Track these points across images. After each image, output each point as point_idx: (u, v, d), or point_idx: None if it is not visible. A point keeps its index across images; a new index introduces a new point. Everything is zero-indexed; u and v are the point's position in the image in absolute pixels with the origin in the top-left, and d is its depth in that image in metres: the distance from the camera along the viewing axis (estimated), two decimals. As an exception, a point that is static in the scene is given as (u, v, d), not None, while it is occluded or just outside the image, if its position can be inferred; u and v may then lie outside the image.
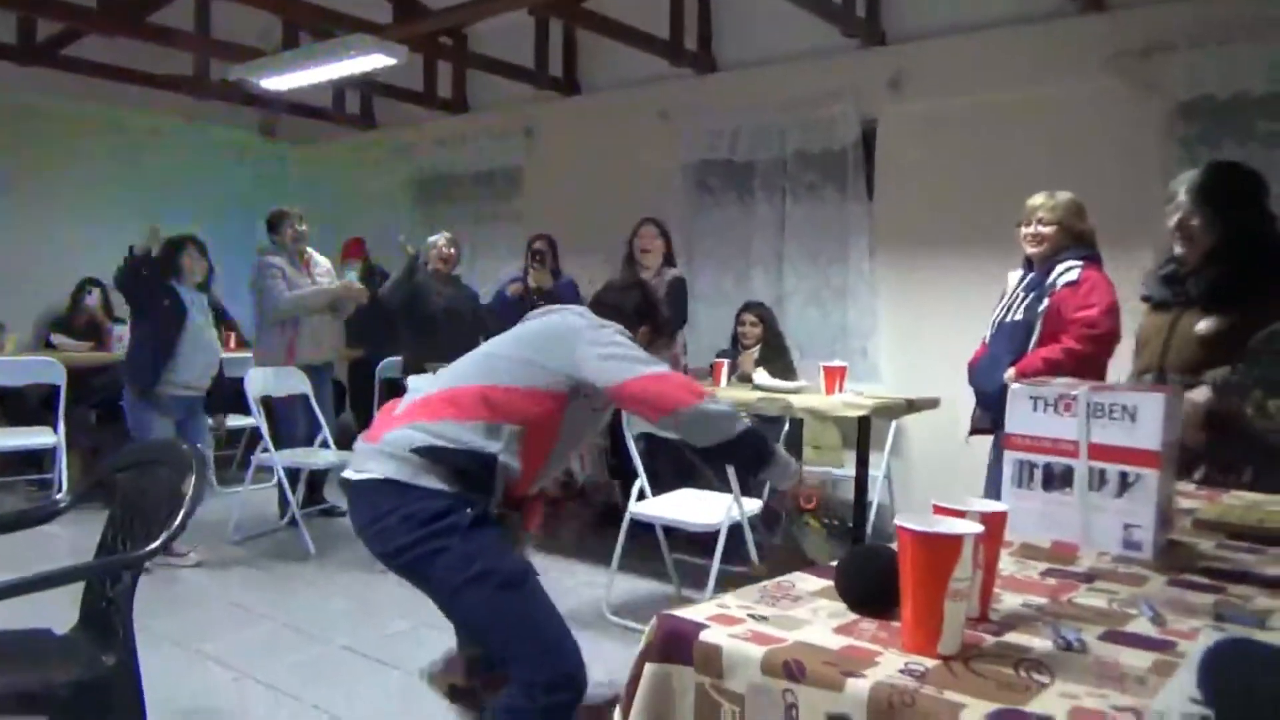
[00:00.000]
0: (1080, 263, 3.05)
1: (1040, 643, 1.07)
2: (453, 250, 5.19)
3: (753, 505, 3.55)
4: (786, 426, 4.57)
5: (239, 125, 7.58)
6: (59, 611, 2.13)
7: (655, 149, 5.71)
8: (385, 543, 1.93)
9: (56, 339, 5.73)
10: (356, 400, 6.38)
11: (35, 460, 5.28)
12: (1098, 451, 1.50)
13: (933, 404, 3.96)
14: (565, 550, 4.57)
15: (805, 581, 1.26)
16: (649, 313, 2.35)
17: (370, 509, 1.96)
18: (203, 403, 4.35)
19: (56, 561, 3.97)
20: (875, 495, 4.54)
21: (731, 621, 1.10)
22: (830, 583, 1.23)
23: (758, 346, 4.78)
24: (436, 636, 3.36)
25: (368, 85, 6.53)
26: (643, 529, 3.61)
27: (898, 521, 1.03)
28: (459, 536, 1.90)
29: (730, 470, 3.33)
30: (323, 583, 3.96)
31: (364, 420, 6.15)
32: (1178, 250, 2.41)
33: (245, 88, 5.83)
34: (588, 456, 5.74)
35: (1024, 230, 3.18)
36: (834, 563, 1.24)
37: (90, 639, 1.99)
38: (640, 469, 3.59)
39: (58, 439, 4.70)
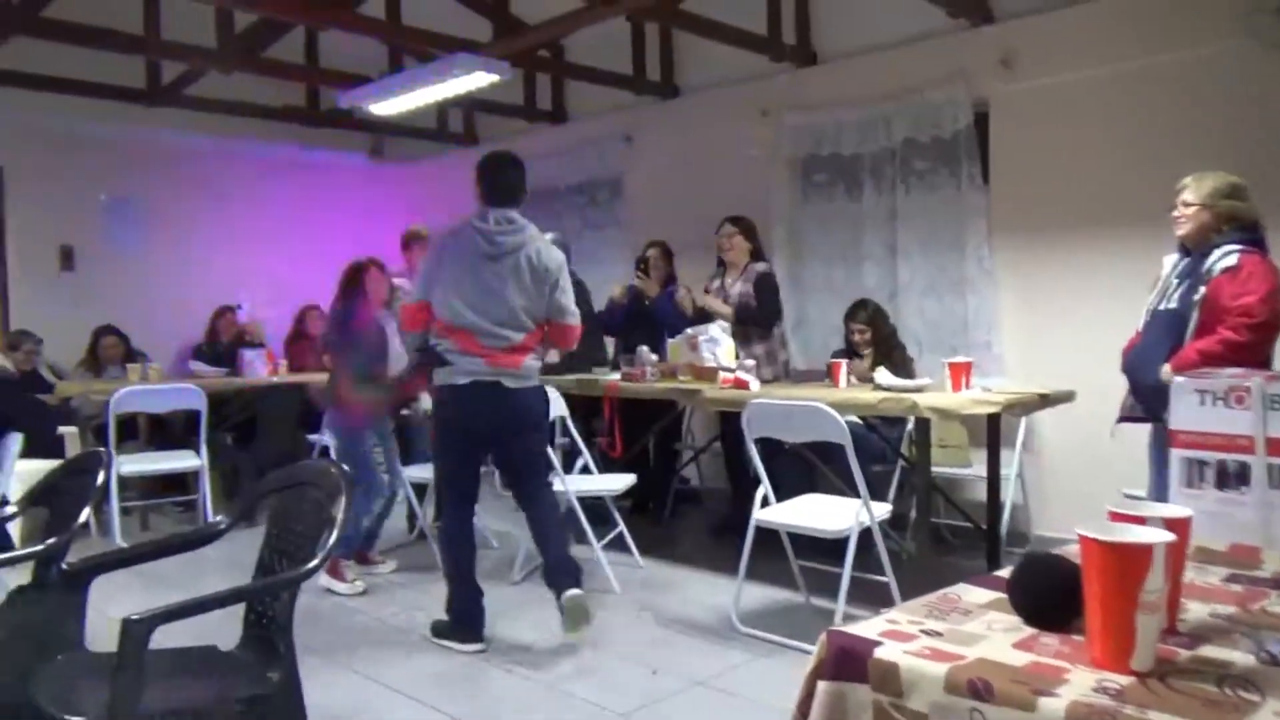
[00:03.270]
0: (1239, 248, 2.92)
1: (1241, 656, 1.02)
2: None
3: (882, 510, 3.48)
4: (909, 425, 4.47)
5: (349, 149, 7.89)
6: (221, 628, 2.25)
7: (758, 147, 5.67)
8: (531, 416, 3.47)
9: (195, 365, 6.07)
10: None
11: (179, 482, 5.58)
12: (1278, 446, 1.42)
13: (1067, 397, 3.82)
14: (686, 559, 4.58)
15: (972, 593, 1.24)
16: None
17: (528, 403, 3.45)
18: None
19: (212, 580, 4.20)
20: (1009, 496, 4.41)
21: (904, 637, 1.08)
22: (999, 594, 1.20)
23: (870, 350, 4.71)
24: (568, 646, 3.43)
25: (470, 103, 6.69)
26: (766, 535, 3.59)
27: (1080, 531, 1.00)
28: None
29: (857, 474, 3.28)
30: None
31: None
32: None
33: (355, 114, 6.06)
34: (704, 462, 5.75)
35: (1173, 213, 3.09)
36: (1003, 573, 1.21)
37: (254, 655, 2.10)
38: (763, 475, 3.57)
39: (201, 462, 4.97)
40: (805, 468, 4.34)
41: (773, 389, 4.17)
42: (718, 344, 4.41)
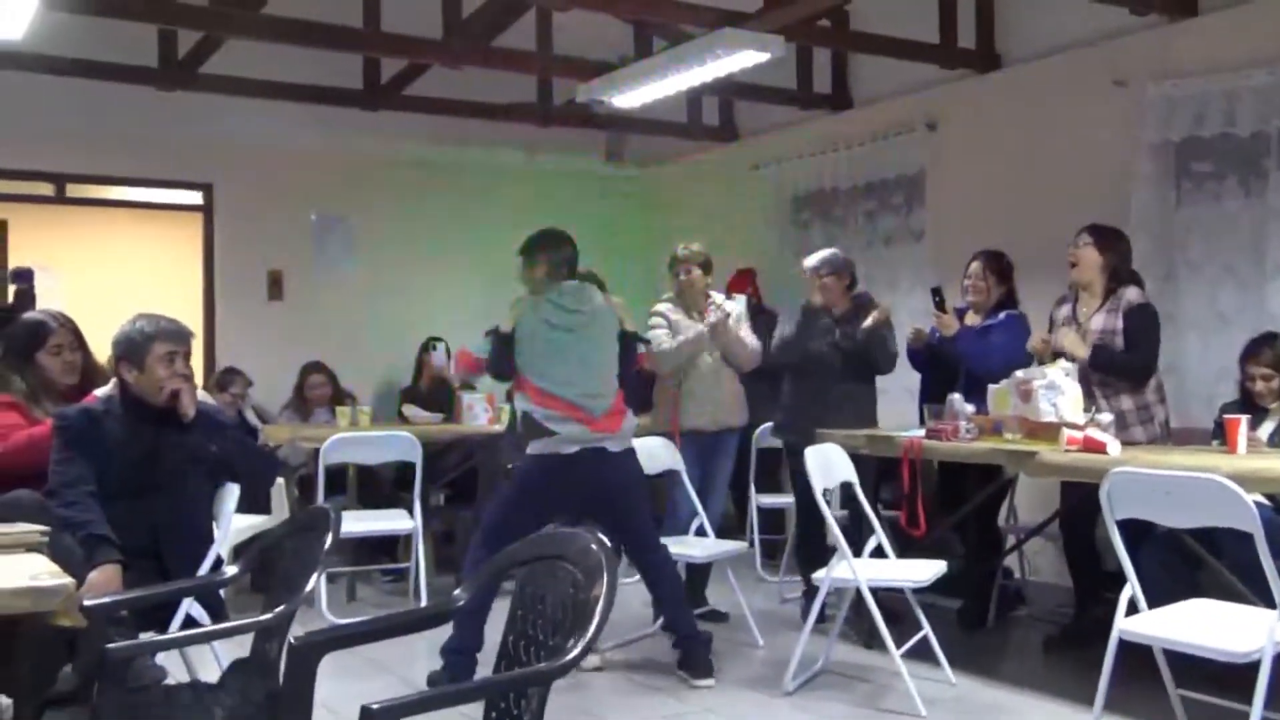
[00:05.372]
0: None
1: None
2: (823, 273, 5.15)
3: (1306, 625, 3.16)
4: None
5: (582, 153, 8.29)
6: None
7: (1110, 128, 5.49)
8: (636, 479, 4.36)
9: (408, 410, 6.53)
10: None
11: (385, 546, 6.01)
12: None
13: None
14: (1013, 678, 4.37)
15: None
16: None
17: (633, 466, 4.35)
18: None
19: (424, 665, 4.44)
20: None
21: None
22: None
23: (1279, 402, 4.36)
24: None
25: (728, 90, 6.84)
26: (1129, 653, 3.37)
27: None
28: None
29: (1271, 574, 3.01)
30: (706, 708, 4.10)
31: (739, 500, 6.32)
32: None
33: (593, 108, 6.36)
34: (1037, 550, 5.48)
35: None
36: None
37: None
38: (1130, 570, 3.35)
39: (415, 524, 5.31)
40: (1182, 562, 4.05)
41: (1138, 453, 3.93)
42: (1060, 392, 4.21)
